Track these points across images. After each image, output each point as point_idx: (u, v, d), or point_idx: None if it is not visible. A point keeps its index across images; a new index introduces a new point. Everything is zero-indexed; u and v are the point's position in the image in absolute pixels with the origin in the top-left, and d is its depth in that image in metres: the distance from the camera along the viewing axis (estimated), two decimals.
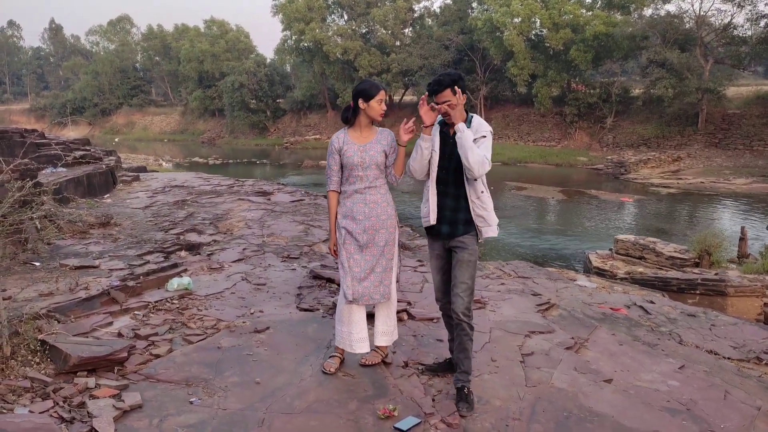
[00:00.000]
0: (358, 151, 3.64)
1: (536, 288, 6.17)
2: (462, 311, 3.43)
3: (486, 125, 3.44)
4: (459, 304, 3.43)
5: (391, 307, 3.83)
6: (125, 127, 64.36)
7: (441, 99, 3.36)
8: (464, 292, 3.44)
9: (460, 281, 3.44)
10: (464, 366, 3.49)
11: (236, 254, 6.81)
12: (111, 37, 72.46)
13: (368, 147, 3.65)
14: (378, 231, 3.66)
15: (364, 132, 3.69)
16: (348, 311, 3.71)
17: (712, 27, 32.05)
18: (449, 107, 3.34)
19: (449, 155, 3.46)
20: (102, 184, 11.29)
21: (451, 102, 3.34)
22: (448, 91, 3.33)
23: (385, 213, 3.68)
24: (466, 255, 3.45)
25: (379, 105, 3.62)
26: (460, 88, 3.35)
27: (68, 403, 3.24)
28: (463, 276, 3.44)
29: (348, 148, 3.65)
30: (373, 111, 3.61)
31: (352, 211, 3.66)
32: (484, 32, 36.72)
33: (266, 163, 37.77)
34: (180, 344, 4.14)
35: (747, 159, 28.47)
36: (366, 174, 3.65)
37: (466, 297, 3.44)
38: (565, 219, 19.54)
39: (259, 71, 50.85)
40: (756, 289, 8.14)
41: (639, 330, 5.11)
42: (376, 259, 3.66)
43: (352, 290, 3.62)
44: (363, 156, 3.63)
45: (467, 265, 3.45)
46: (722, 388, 3.89)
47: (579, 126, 36.12)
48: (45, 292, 4.82)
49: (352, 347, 3.74)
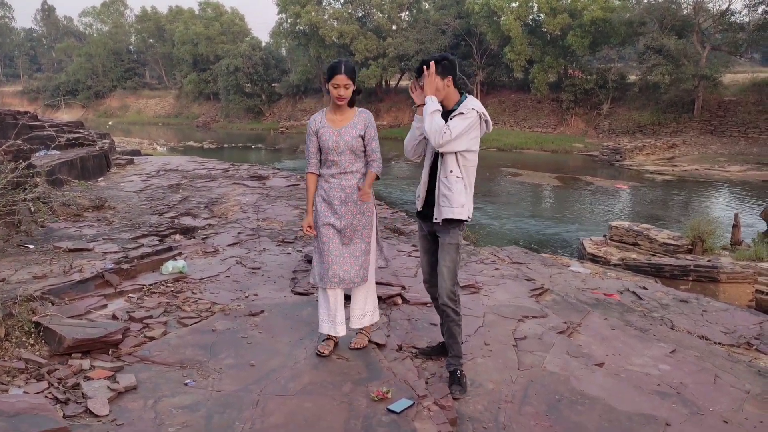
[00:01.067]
0: (333, 135, 3.60)
1: (530, 273, 6.20)
2: (446, 295, 3.44)
3: (470, 105, 3.38)
4: (441, 288, 3.46)
5: (369, 288, 3.83)
6: (119, 110, 63.92)
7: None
8: (445, 276, 3.44)
9: (442, 265, 3.46)
10: (454, 350, 3.52)
11: (231, 238, 6.81)
12: (104, 19, 71.81)
13: (343, 131, 3.60)
14: (355, 215, 3.65)
15: (339, 114, 3.64)
16: (326, 298, 3.71)
17: (710, 13, 31.93)
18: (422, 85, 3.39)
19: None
20: (96, 167, 11.24)
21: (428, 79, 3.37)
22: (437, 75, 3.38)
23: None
24: (447, 238, 3.46)
25: (335, 90, 3.53)
26: (446, 69, 3.38)
27: (63, 384, 3.25)
28: (443, 260, 3.46)
29: (324, 132, 3.62)
30: (332, 95, 3.57)
31: (329, 196, 3.66)
32: (481, 17, 36.51)
33: (261, 147, 37.63)
34: (175, 327, 4.15)
35: (742, 146, 28.53)
36: (340, 159, 3.62)
37: (448, 281, 3.44)
38: (560, 205, 19.59)
39: (255, 55, 50.45)
40: (748, 276, 8.20)
41: (631, 315, 5.14)
42: (353, 243, 3.67)
43: (330, 274, 3.61)
44: (337, 140, 3.59)
45: (446, 249, 3.45)
46: (712, 372, 3.93)
47: (575, 112, 36.09)
48: (39, 274, 4.82)
49: (336, 330, 3.75)
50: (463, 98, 3.45)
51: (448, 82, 3.41)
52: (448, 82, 3.41)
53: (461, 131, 3.28)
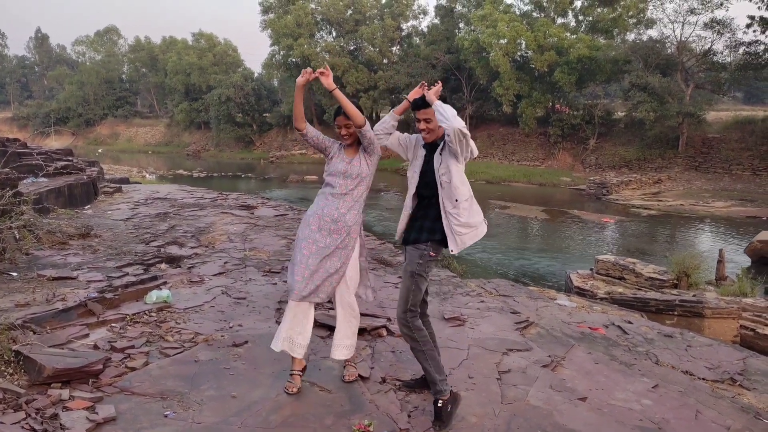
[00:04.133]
0: (343, 161, 3.73)
1: (516, 306, 6.21)
2: (398, 315, 3.49)
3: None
4: (398, 307, 3.51)
5: (355, 321, 3.81)
6: (109, 138, 63.96)
7: (423, 115, 3.50)
8: (403, 297, 3.48)
9: (403, 286, 3.51)
10: (431, 376, 3.46)
11: (217, 267, 6.78)
12: (97, 48, 72.33)
13: (354, 162, 3.72)
14: (342, 236, 3.68)
15: (350, 150, 3.78)
16: (296, 312, 3.64)
17: (693, 53, 32.78)
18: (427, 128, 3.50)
19: (431, 172, 3.53)
20: (83, 195, 11.20)
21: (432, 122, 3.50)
22: (431, 109, 3.45)
23: (353, 220, 3.71)
24: (413, 261, 3.50)
25: (338, 130, 3.73)
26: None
27: (41, 414, 3.20)
28: (405, 281, 3.51)
29: (338, 156, 3.76)
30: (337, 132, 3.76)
31: (322, 212, 3.70)
32: (470, 52, 37.20)
33: (251, 176, 37.67)
34: (156, 357, 4.11)
35: (726, 182, 28.97)
36: (345, 182, 3.71)
37: (402, 301, 3.48)
38: (548, 238, 19.70)
39: (247, 85, 50.93)
40: (732, 311, 8.25)
41: (616, 349, 5.16)
42: (331, 259, 3.67)
43: (300, 287, 3.59)
44: (347, 167, 3.70)
45: (411, 275, 3.49)
46: (695, 407, 3.94)
47: (562, 146, 36.58)
48: (21, 302, 4.77)
49: (292, 350, 3.67)
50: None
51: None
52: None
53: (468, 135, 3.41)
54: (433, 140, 3.56)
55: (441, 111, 3.32)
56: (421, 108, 3.50)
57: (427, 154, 3.59)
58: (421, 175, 3.57)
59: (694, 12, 31.39)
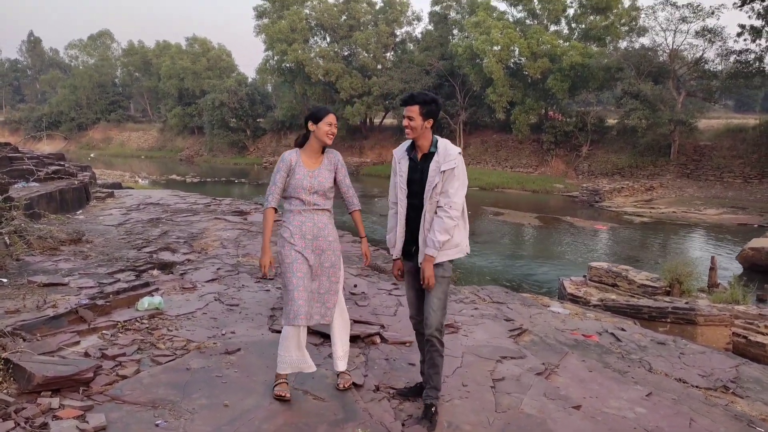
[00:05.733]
0: (308, 175, 3.67)
1: (510, 313, 6.20)
2: (435, 327, 3.47)
3: (453, 150, 3.50)
4: (432, 319, 3.47)
5: (347, 330, 3.89)
6: (102, 142, 63.67)
7: (408, 112, 3.48)
8: (436, 308, 3.47)
9: (433, 297, 3.48)
10: (433, 381, 3.52)
11: (210, 274, 6.75)
12: (91, 52, 72.04)
13: (317, 173, 3.69)
14: (324, 251, 3.70)
15: (313, 157, 3.73)
16: (297, 336, 3.64)
17: (685, 61, 33.00)
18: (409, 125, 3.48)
19: (419, 181, 3.52)
20: (75, 200, 11.13)
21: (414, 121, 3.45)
22: (417, 107, 3.44)
23: (332, 235, 3.75)
24: (440, 271, 3.49)
25: (328, 127, 3.66)
26: (431, 112, 3.47)
27: (30, 423, 3.16)
28: (436, 292, 3.48)
29: (299, 170, 3.67)
30: (320, 132, 3.65)
31: (301, 230, 3.67)
32: (464, 59, 37.31)
33: (245, 182, 37.60)
34: (148, 365, 4.07)
35: (717, 190, 29.15)
36: (311, 198, 3.68)
37: (438, 313, 3.48)
38: (541, 245, 19.74)
39: (240, 90, 50.87)
40: (725, 319, 8.27)
41: (609, 357, 5.16)
42: (320, 279, 3.69)
43: (305, 311, 3.57)
44: (312, 181, 3.66)
45: (438, 281, 3.48)
46: (688, 415, 3.94)
47: (555, 153, 36.71)
48: (11, 309, 4.72)
49: (302, 369, 3.73)
50: (435, 140, 3.54)
51: (428, 124, 3.49)
52: (428, 124, 3.49)
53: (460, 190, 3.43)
54: (414, 137, 3.53)
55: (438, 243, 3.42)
56: (406, 105, 3.50)
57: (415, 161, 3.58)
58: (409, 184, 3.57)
59: (686, 20, 31.62)
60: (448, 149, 3.49)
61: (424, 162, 3.53)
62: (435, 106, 3.48)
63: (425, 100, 3.46)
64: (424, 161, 3.54)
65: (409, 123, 3.48)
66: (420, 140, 3.53)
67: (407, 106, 3.48)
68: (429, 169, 3.47)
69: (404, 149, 3.65)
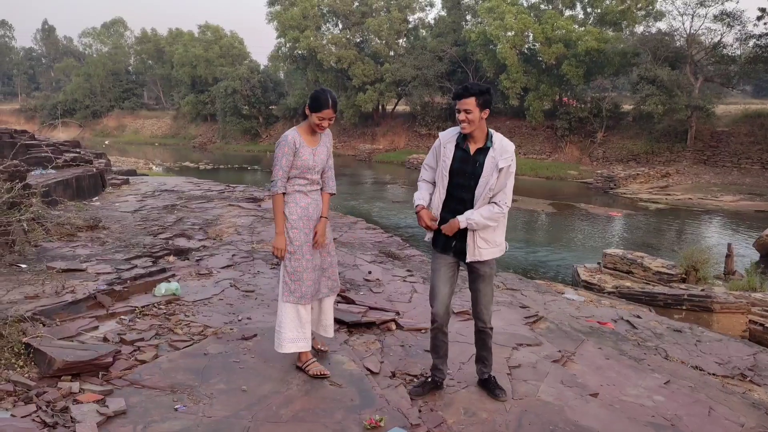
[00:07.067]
0: (312, 154, 3.71)
1: (524, 300, 6.19)
2: (488, 321, 3.64)
3: (510, 146, 3.42)
4: (485, 315, 3.63)
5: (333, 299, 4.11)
6: (116, 130, 64.02)
7: (463, 105, 3.35)
8: (488, 303, 3.63)
9: (484, 294, 3.60)
10: (489, 361, 3.73)
11: (225, 260, 6.78)
12: (104, 40, 72.27)
13: (317, 150, 3.75)
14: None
15: (314, 134, 3.76)
16: (304, 313, 3.76)
17: (702, 45, 32.42)
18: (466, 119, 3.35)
19: (470, 174, 3.42)
20: (91, 187, 11.22)
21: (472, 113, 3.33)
22: (473, 99, 3.33)
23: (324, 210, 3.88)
24: (487, 270, 3.55)
25: (319, 121, 3.62)
26: (486, 102, 3.36)
27: (51, 407, 3.20)
28: (486, 289, 3.58)
29: (303, 150, 3.68)
30: (312, 121, 3.66)
31: (307, 212, 3.75)
32: (477, 45, 36.96)
33: (257, 169, 37.69)
34: (166, 350, 4.11)
35: (734, 176, 28.76)
36: (315, 177, 3.76)
37: (490, 307, 3.65)
38: (555, 232, 19.63)
39: (253, 77, 50.81)
40: (741, 306, 8.20)
41: (625, 344, 5.13)
42: (320, 255, 3.83)
43: (312, 291, 3.75)
44: (315, 159, 3.72)
45: (488, 280, 3.58)
46: (707, 404, 3.91)
47: (570, 140, 36.36)
48: (31, 294, 4.78)
49: (308, 347, 3.85)
50: (490, 134, 3.45)
51: (484, 115, 3.38)
52: (484, 114, 3.38)
53: (511, 187, 3.42)
54: (470, 131, 3.39)
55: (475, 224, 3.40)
56: (461, 98, 3.35)
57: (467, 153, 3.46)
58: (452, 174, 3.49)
59: (704, 4, 31.02)
60: (504, 145, 3.40)
61: (478, 156, 3.41)
62: (489, 95, 3.35)
63: (480, 90, 3.32)
64: (477, 154, 3.42)
65: (466, 116, 3.33)
66: (476, 132, 3.40)
67: (461, 99, 3.33)
68: (485, 165, 3.36)
69: (454, 135, 3.49)
